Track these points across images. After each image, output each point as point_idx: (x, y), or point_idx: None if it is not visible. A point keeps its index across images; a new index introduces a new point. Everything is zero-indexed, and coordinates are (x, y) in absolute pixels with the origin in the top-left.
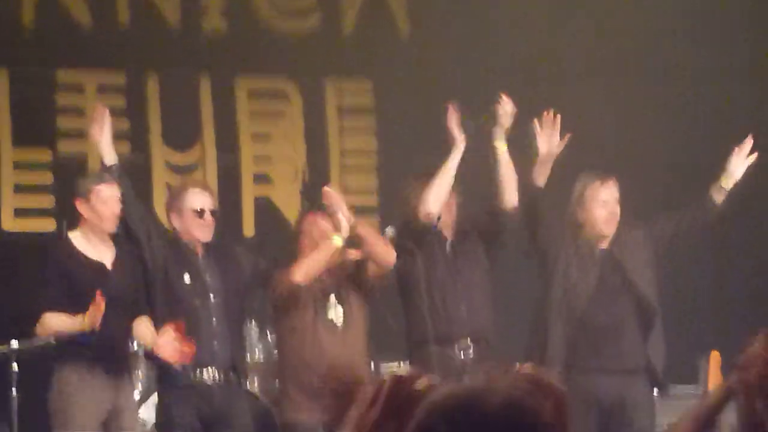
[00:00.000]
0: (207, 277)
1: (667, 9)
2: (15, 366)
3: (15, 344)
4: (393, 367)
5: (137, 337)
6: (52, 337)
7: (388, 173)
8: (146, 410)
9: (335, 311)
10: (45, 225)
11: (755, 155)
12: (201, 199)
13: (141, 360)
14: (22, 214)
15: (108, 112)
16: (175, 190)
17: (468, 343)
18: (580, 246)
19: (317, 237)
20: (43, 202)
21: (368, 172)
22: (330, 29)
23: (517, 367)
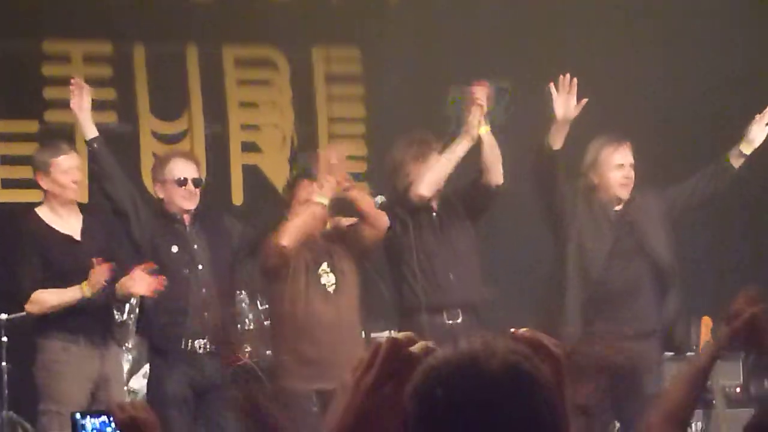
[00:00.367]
0: (195, 247)
1: None
2: (4, 338)
3: (3, 316)
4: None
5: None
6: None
7: (376, 141)
8: (137, 381)
9: (327, 278)
10: (33, 196)
11: None
12: (184, 168)
13: (131, 331)
14: (10, 185)
15: (86, 85)
16: (159, 160)
17: (457, 311)
18: (594, 209)
19: (303, 201)
20: (31, 173)
21: (356, 140)
22: None
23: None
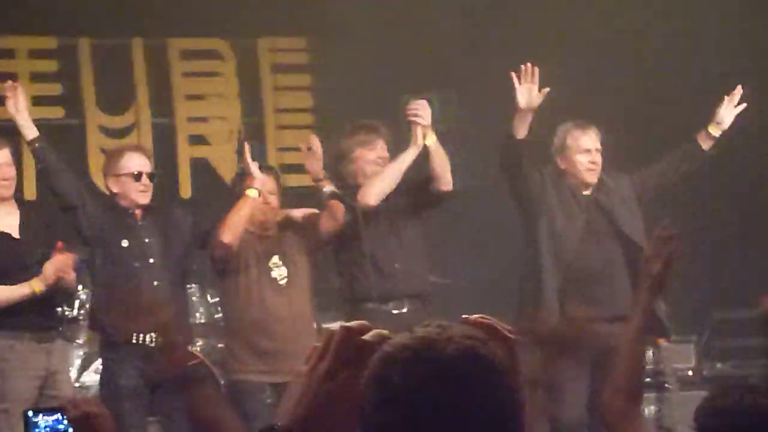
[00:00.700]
0: (146, 240)
1: None
2: None
3: None
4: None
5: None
6: None
7: (324, 130)
8: (89, 376)
9: (279, 270)
10: None
11: (744, 105)
12: (138, 162)
13: (81, 326)
14: None
15: (19, 86)
16: (112, 154)
17: (403, 300)
18: (564, 193)
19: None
20: None
21: (304, 131)
22: None
23: (466, 317)
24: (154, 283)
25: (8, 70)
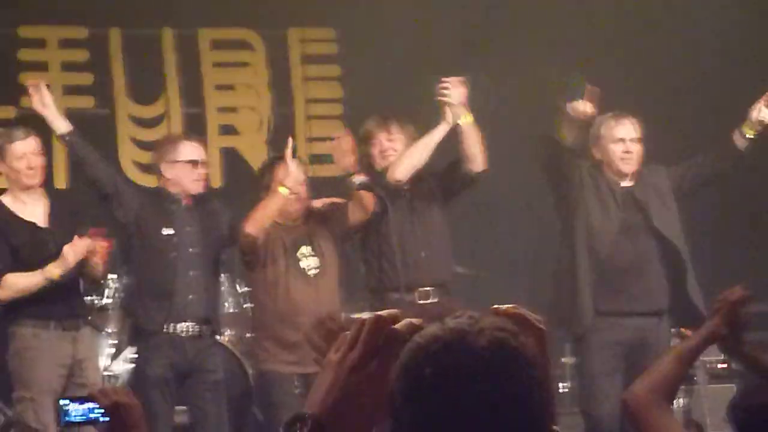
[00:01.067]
0: (188, 229)
1: None
2: None
3: None
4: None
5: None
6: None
7: (353, 121)
8: (118, 365)
9: (308, 261)
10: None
11: None
12: (195, 151)
13: (111, 315)
14: None
15: (41, 82)
16: (167, 140)
17: (428, 290)
18: (601, 185)
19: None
20: None
21: (334, 121)
22: None
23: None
24: (191, 273)
25: (39, 60)
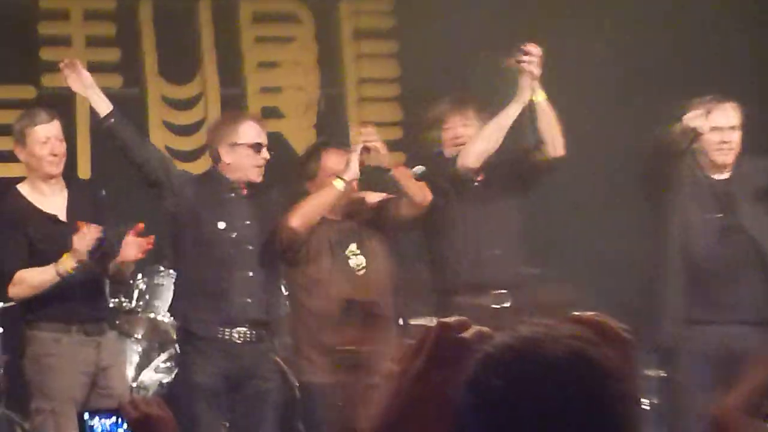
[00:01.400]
0: (246, 223)
1: None
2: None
3: None
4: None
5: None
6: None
7: (411, 102)
8: (148, 375)
9: (356, 259)
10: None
11: None
12: (258, 133)
13: (140, 319)
14: (2, 158)
15: (78, 60)
16: (226, 120)
17: (502, 292)
18: (698, 182)
19: (330, 174)
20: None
21: (390, 103)
22: None
23: (577, 314)
24: (249, 274)
25: (61, 33)
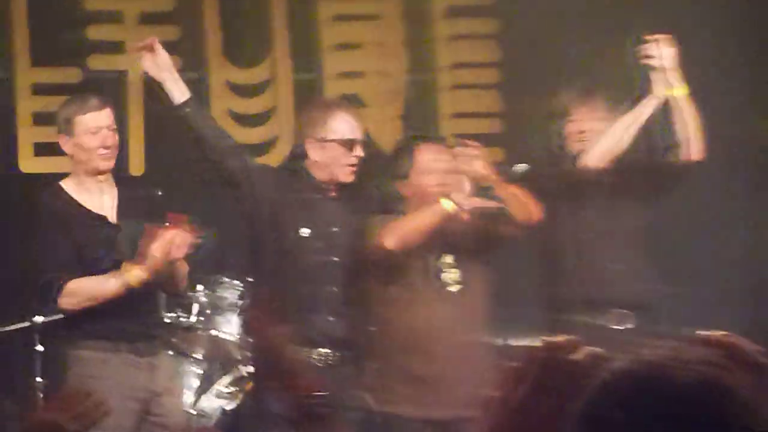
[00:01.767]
0: (334, 230)
1: None
2: (39, 346)
3: (39, 319)
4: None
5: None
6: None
7: (513, 91)
8: (210, 400)
9: (450, 275)
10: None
11: None
12: (352, 127)
13: (200, 337)
14: (45, 151)
15: (157, 40)
16: (316, 111)
17: (623, 311)
18: None
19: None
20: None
21: (489, 91)
22: None
23: (706, 334)
24: (333, 289)
25: (111, 9)
